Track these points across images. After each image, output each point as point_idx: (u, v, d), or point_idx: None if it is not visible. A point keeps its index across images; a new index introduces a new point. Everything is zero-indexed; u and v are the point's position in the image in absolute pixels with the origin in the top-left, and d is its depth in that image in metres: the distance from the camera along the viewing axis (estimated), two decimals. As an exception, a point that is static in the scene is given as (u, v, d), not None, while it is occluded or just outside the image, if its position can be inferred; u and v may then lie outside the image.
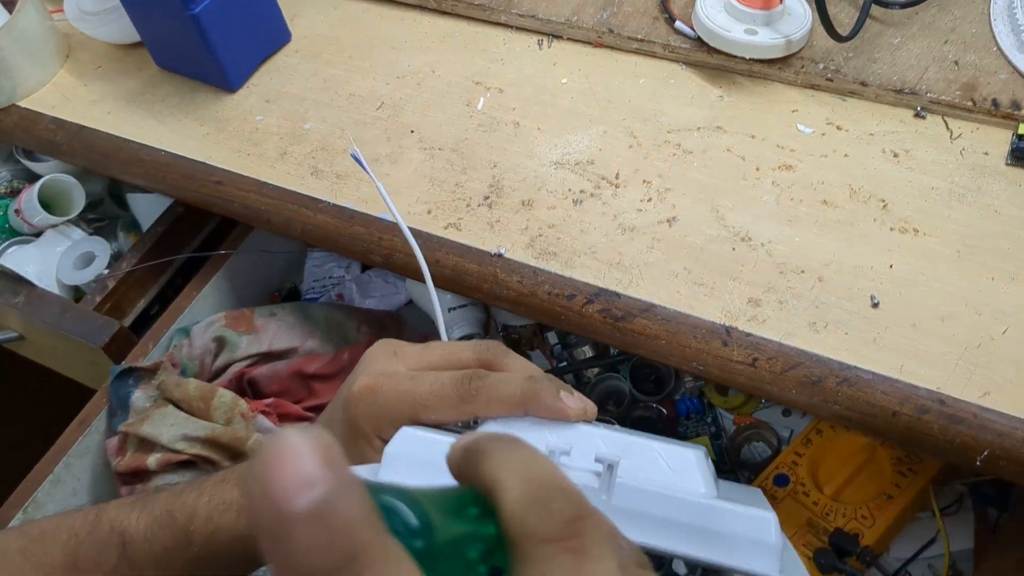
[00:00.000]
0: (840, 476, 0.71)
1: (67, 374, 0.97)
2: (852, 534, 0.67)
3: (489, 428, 0.52)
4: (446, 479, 0.41)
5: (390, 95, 0.85)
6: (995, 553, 0.65)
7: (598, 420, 0.57)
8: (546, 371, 0.80)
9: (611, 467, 0.50)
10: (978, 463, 0.57)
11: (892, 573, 0.67)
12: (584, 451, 0.52)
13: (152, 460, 0.75)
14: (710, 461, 0.58)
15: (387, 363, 0.52)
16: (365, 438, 0.51)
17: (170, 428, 0.75)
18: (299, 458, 0.18)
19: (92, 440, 0.80)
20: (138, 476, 0.76)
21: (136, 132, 0.88)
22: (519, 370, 0.54)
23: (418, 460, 0.48)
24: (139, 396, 0.78)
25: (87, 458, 0.80)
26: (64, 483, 0.78)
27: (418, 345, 0.55)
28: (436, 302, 0.63)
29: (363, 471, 0.49)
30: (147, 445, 0.76)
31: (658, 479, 0.53)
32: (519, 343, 0.86)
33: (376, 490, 0.25)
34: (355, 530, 0.19)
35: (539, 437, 0.52)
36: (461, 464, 0.28)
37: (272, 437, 0.19)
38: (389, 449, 0.48)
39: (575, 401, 0.52)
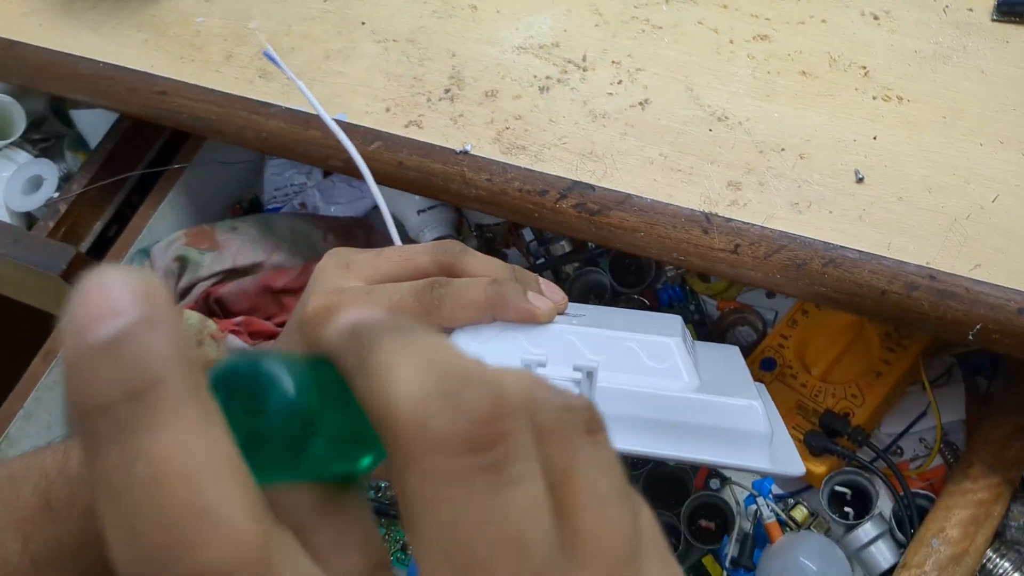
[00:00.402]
0: (828, 356, 0.70)
1: (27, 301, 0.94)
2: (842, 414, 0.66)
3: (458, 339, 0.49)
4: None
5: (337, -14, 0.79)
6: (988, 423, 0.64)
7: (573, 304, 0.55)
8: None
9: (590, 374, 0.48)
10: (970, 337, 0.55)
11: (884, 448, 0.67)
12: (560, 358, 0.50)
13: (124, 388, 0.73)
14: (688, 336, 0.56)
15: (340, 278, 0.49)
16: None
17: (139, 354, 0.73)
18: (110, 290, 0.17)
19: (60, 372, 0.77)
20: (111, 405, 0.74)
21: (71, 44, 0.83)
22: (481, 270, 0.51)
23: None
24: (103, 323, 0.75)
25: (57, 390, 0.77)
26: (36, 417, 0.76)
27: (371, 252, 0.51)
28: (384, 206, 0.60)
29: None
30: (117, 373, 0.74)
31: (639, 377, 0.51)
32: (494, 242, 0.83)
33: (262, 355, 0.21)
34: (150, 364, 0.16)
35: (512, 342, 0.50)
36: (343, 351, 0.21)
37: (91, 273, 0.18)
38: None
39: (543, 301, 0.51)
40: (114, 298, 0.17)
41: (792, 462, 0.51)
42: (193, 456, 0.17)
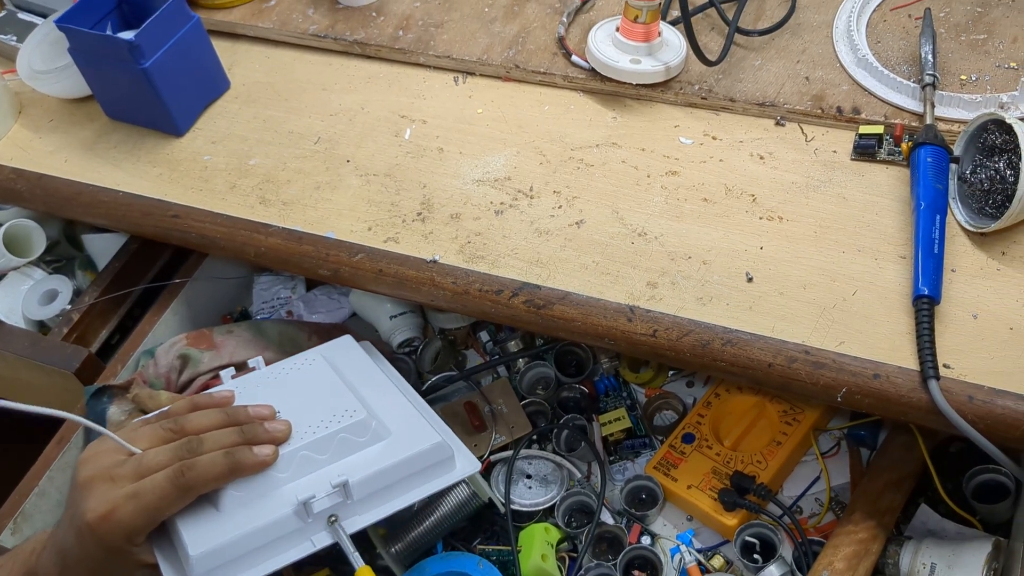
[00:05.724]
0: (737, 430, 0.83)
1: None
2: (749, 475, 0.79)
3: (227, 495, 0.67)
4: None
5: (325, 131, 0.95)
6: (866, 480, 0.78)
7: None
8: (478, 365, 0.92)
9: (345, 485, 0.67)
10: (839, 399, 0.69)
11: (787, 507, 0.79)
12: (317, 481, 0.68)
13: (131, 467, 0.83)
14: (359, 361, 0.82)
15: (111, 489, 0.65)
16: (122, 552, 0.65)
17: (146, 437, 0.83)
18: None
19: (71, 455, 0.87)
20: (118, 483, 0.84)
21: (94, 176, 0.97)
22: (210, 441, 0.68)
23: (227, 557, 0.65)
24: (115, 411, 0.86)
25: (68, 471, 0.87)
26: (48, 495, 0.86)
27: (129, 464, 0.66)
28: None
29: None
30: (125, 455, 0.84)
31: (360, 456, 0.70)
32: (455, 343, 0.97)
33: None
34: None
35: (273, 487, 0.68)
36: None
37: None
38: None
39: (268, 448, 0.68)
40: None
41: (470, 463, 0.73)
42: None
